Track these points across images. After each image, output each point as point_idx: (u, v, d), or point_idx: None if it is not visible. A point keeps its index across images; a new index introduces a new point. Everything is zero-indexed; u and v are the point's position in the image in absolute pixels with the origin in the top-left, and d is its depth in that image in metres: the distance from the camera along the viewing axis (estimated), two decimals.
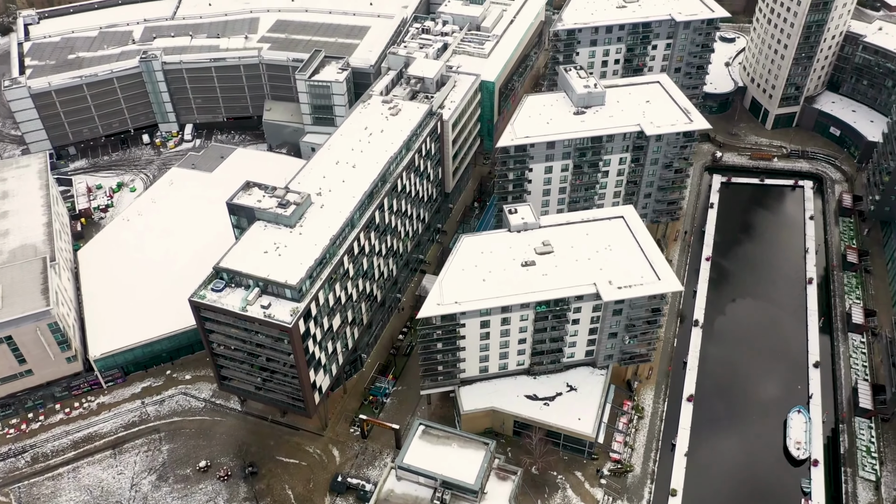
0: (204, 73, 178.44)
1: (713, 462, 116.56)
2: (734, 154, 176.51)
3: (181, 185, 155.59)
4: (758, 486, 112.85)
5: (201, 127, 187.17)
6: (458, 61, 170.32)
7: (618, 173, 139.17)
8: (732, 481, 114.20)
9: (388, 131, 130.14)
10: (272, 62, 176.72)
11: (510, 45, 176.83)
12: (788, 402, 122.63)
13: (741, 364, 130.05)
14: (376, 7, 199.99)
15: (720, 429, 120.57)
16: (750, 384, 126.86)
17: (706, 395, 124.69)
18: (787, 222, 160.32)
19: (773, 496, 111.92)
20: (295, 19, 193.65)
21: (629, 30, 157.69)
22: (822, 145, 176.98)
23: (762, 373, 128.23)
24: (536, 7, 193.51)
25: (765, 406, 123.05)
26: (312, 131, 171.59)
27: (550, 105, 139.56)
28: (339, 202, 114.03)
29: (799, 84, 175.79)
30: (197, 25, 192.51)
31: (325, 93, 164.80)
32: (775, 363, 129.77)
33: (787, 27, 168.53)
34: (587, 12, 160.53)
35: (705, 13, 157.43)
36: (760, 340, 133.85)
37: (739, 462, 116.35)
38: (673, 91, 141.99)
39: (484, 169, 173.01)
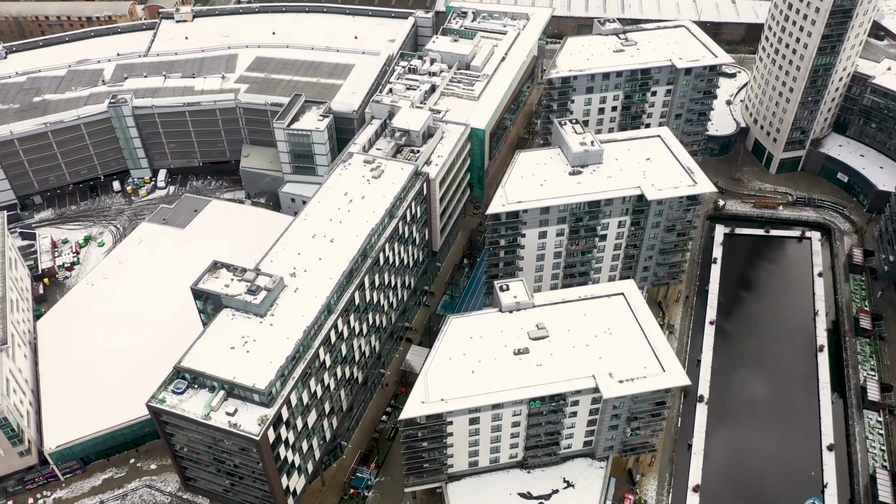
0: (178, 118, 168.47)
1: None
2: (737, 201, 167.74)
3: (151, 244, 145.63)
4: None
5: (176, 172, 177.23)
6: (446, 104, 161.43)
7: (616, 236, 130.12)
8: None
9: (369, 197, 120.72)
10: (250, 106, 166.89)
11: (502, 85, 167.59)
12: (802, 493, 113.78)
13: (750, 447, 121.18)
14: (361, 42, 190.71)
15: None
16: (760, 471, 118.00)
17: (713, 485, 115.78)
18: (794, 279, 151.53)
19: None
20: (275, 56, 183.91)
21: (627, 77, 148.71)
22: (829, 192, 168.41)
23: (773, 457, 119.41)
24: (529, 42, 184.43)
25: (777, 498, 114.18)
26: (292, 180, 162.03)
27: (544, 163, 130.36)
28: (314, 285, 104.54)
29: (805, 128, 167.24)
30: (171, 63, 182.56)
31: (305, 141, 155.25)
32: (787, 446, 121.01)
33: (793, 70, 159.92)
34: (582, 57, 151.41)
35: (707, 58, 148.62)
36: (770, 419, 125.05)
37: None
38: (675, 147, 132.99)
39: (474, 220, 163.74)
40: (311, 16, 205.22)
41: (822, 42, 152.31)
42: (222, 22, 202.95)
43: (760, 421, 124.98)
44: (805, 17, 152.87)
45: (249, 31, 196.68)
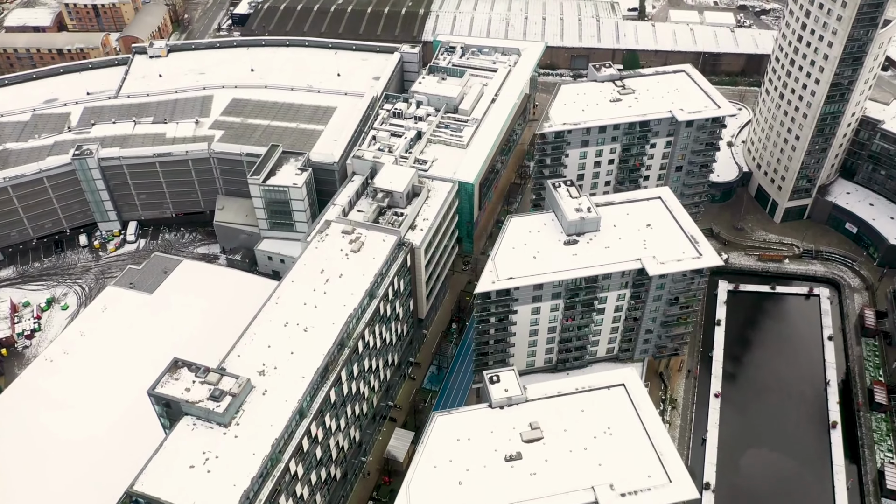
0: (147, 168, 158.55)
1: None
2: (741, 254, 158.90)
3: (116, 312, 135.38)
4: None
5: (147, 224, 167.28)
6: (433, 153, 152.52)
7: (615, 309, 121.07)
8: None
9: (348, 276, 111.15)
10: (224, 156, 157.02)
11: (492, 131, 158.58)
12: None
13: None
14: (344, 80, 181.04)
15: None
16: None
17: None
18: (803, 344, 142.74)
19: None
20: (252, 98, 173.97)
21: (625, 129, 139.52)
22: (837, 243, 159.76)
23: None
24: (521, 80, 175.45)
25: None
26: (269, 236, 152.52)
27: (537, 230, 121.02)
28: (285, 386, 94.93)
29: (812, 176, 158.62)
30: (142, 106, 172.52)
31: (282, 198, 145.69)
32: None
33: (799, 117, 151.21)
34: (577, 107, 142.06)
35: (710, 110, 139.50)
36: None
37: None
38: (677, 211, 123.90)
39: (462, 278, 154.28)
40: (291, 50, 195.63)
41: (831, 90, 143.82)
42: (198, 57, 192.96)
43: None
44: (812, 62, 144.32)
45: (226, 68, 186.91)
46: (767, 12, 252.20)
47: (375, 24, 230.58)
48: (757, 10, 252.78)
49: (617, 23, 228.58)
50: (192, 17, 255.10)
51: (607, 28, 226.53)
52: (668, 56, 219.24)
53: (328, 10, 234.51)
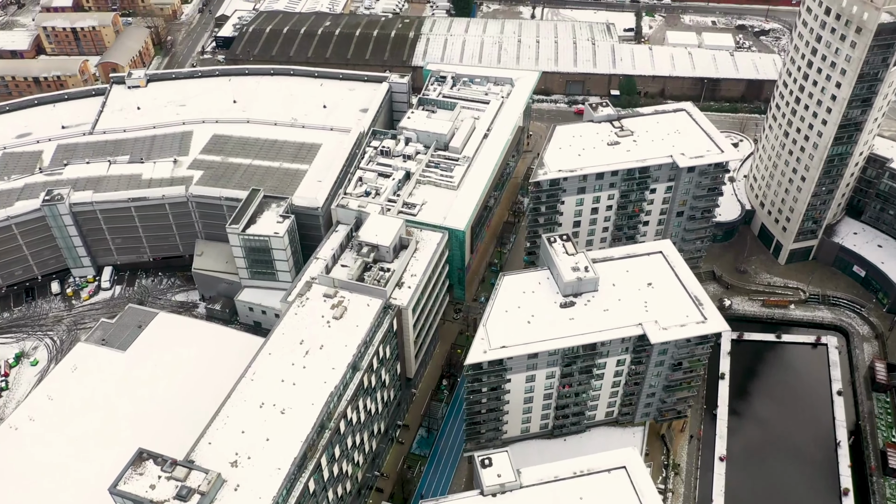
0: (122, 213, 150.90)
1: None
2: (744, 299, 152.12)
3: (87, 372, 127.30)
4: None
5: (123, 268, 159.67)
6: (422, 195, 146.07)
7: (615, 374, 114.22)
8: None
9: (329, 347, 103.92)
10: (203, 200, 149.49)
11: (484, 171, 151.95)
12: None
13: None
14: (330, 112, 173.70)
15: None
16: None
17: None
18: (811, 399, 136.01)
19: None
20: (234, 133, 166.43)
21: (623, 176, 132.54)
22: (844, 287, 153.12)
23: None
24: (514, 113, 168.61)
25: None
26: (250, 285, 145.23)
27: (531, 291, 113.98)
28: (259, 479, 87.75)
29: (818, 217, 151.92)
30: (119, 143, 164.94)
31: (263, 247, 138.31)
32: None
33: (805, 157, 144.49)
34: (573, 152, 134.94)
35: (713, 154, 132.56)
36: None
37: None
38: (679, 267, 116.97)
39: (454, 328, 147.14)
40: (276, 80, 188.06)
41: (840, 131, 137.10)
42: (179, 87, 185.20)
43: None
44: (819, 102, 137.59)
45: (208, 99, 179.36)
46: (767, 32, 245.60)
47: (364, 49, 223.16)
48: (756, 31, 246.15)
49: (613, 46, 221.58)
50: (176, 39, 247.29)
51: (603, 52, 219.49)
52: (665, 81, 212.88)
53: (315, 34, 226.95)
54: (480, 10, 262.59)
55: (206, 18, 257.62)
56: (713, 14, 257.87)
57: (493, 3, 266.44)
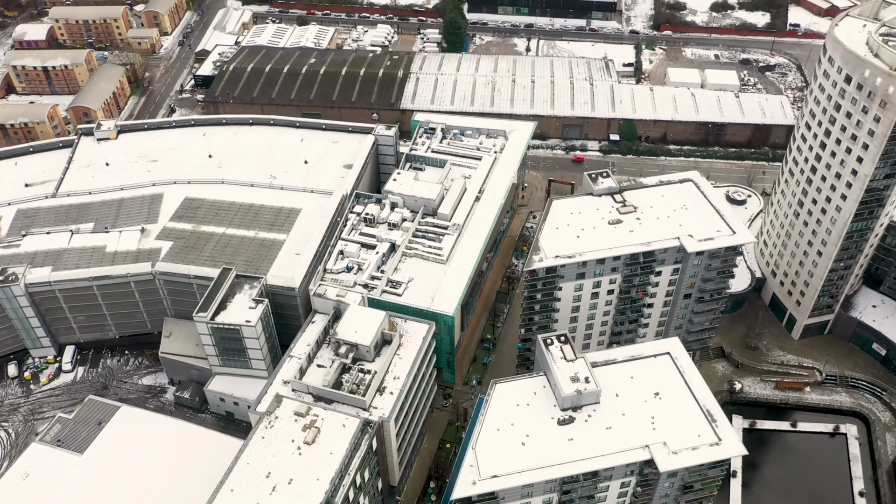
0: (84, 292, 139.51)
1: None
2: (755, 380, 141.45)
3: (39, 480, 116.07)
4: None
5: (87, 346, 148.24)
6: (408, 270, 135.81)
7: (619, 495, 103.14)
8: None
9: (299, 481, 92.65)
10: (171, 277, 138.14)
11: (476, 241, 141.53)
12: None
13: None
14: (312, 170, 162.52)
15: None
16: None
17: None
18: (831, 497, 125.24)
19: None
20: (207, 196, 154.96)
21: (626, 260, 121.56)
22: (863, 366, 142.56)
23: None
24: (508, 171, 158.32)
25: None
26: (221, 372, 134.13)
27: (526, 403, 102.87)
28: None
29: (834, 292, 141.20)
30: (83, 208, 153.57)
31: (234, 336, 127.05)
32: None
33: (822, 231, 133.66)
34: (571, 232, 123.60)
35: (723, 236, 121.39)
36: None
37: None
38: (689, 373, 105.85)
39: (442, 417, 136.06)
40: (255, 130, 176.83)
41: (860, 207, 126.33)
42: (151, 140, 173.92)
43: None
44: (838, 175, 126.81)
45: (181, 154, 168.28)
46: (772, 68, 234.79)
47: (350, 90, 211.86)
48: (761, 66, 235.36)
49: (612, 86, 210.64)
50: (154, 75, 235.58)
51: (602, 93, 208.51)
52: (667, 126, 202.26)
53: (299, 73, 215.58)
54: (473, 43, 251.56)
55: (186, 53, 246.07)
56: (716, 46, 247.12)
57: (487, 36, 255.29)
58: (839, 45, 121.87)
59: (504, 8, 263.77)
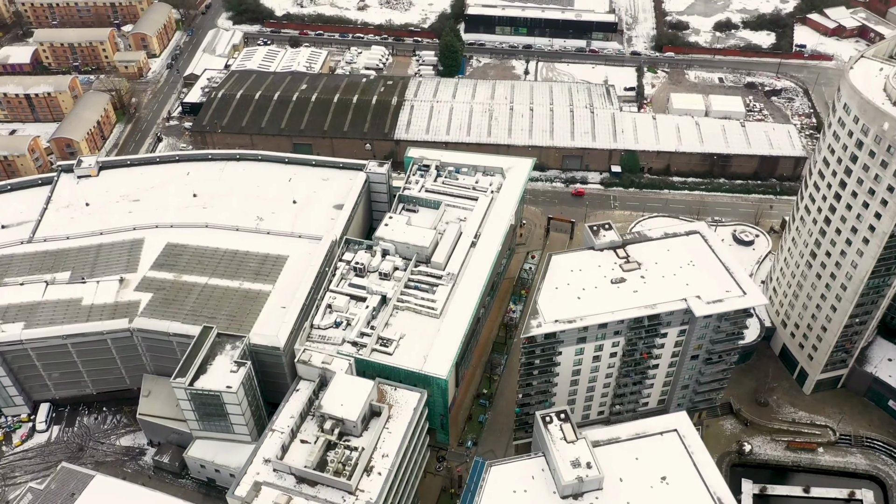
0: (58, 349, 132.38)
1: None
2: (765, 439, 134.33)
3: None
4: None
5: (63, 403, 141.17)
6: (399, 326, 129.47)
7: None
8: None
9: None
10: (149, 334, 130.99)
11: (471, 293, 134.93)
12: None
13: None
14: (300, 211, 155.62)
15: None
16: None
17: None
18: None
19: None
20: (190, 242, 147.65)
21: (630, 324, 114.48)
22: (879, 425, 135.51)
23: None
24: (506, 215, 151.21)
25: None
26: (202, 436, 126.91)
27: (524, 490, 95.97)
28: None
29: (849, 348, 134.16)
30: (60, 255, 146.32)
31: (214, 402, 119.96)
32: None
33: (836, 286, 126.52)
34: (572, 293, 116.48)
35: (734, 299, 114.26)
36: None
37: None
38: (698, 454, 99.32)
39: (435, 483, 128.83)
40: (242, 166, 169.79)
41: (878, 264, 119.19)
42: (133, 177, 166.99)
43: None
44: (854, 230, 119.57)
45: (165, 193, 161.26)
46: (779, 92, 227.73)
47: (342, 118, 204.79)
48: (767, 90, 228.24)
49: (613, 115, 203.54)
50: (140, 101, 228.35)
51: (602, 122, 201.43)
52: (671, 157, 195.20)
53: (290, 100, 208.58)
54: (470, 65, 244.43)
55: (175, 77, 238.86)
56: (720, 69, 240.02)
57: (484, 57, 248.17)
58: (855, 94, 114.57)
59: (502, 28, 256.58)
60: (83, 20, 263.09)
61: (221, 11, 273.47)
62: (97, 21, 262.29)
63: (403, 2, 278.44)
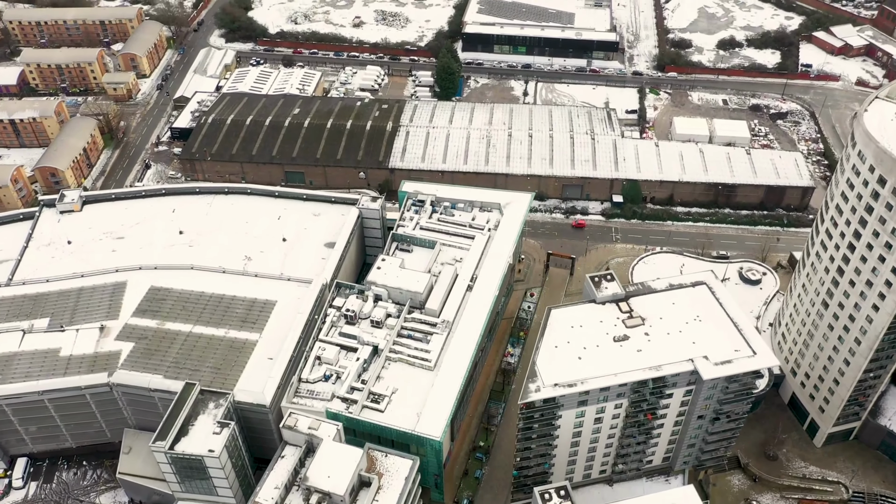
0: (35, 405, 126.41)
1: None
2: (775, 496, 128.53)
3: None
4: None
5: (41, 458, 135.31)
6: (392, 379, 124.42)
7: None
8: None
9: None
10: (129, 390, 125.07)
11: (468, 342, 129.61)
12: None
13: None
14: (290, 251, 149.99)
15: None
16: None
17: None
18: None
19: None
20: (175, 286, 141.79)
21: (634, 387, 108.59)
22: (893, 480, 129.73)
23: None
24: (503, 256, 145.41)
25: None
26: (185, 498, 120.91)
27: None
28: None
29: (862, 401, 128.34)
30: (39, 299, 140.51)
31: (197, 465, 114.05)
32: None
33: (850, 340, 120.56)
34: (572, 353, 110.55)
35: (743, 360, 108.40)
36: None
37: None
38: None
39: None
40: (230, 200, 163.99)
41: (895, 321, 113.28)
42: (118, 213, 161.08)
43: None
44: (869, 283, 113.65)
45: (150, 230, 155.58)
46: (784, 115, 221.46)
47: (336, 145, 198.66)
48: (773, 113, 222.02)
49: (615, 141, 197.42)
50: (129, 125, 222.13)
51: (604, 149, 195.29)
52: (674, 186, 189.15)
53: (281, 126, 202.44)
54: (468, 86, 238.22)
55: (164, 99, 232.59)
56: (724, 90, 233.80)
57: (482, 78, 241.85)
58: (871, 142, 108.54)
59: (500, 47, 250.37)
60: (72, 38, 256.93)
61: (214, 29, 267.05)
62: (86, 39, 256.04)
63: (400, 18, 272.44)
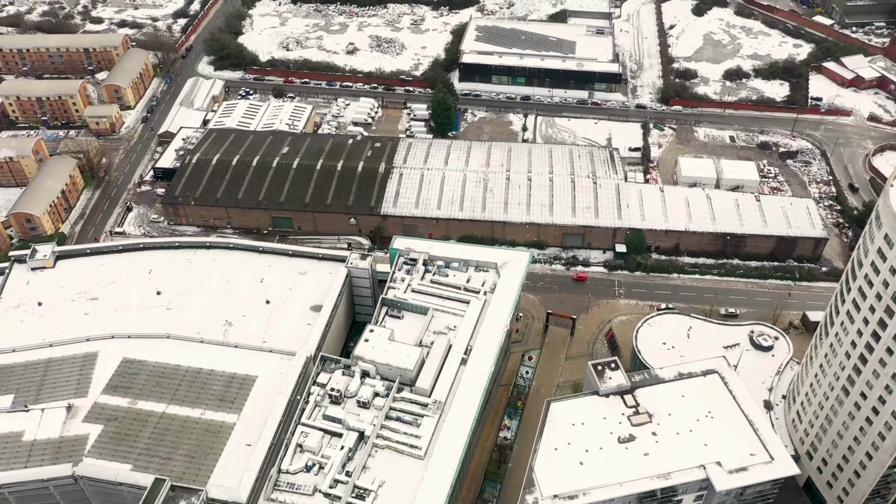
0: None
1: None
2: None
3: None
4: None
5: None
6: (378, 469, 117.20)
7: None
8: None
9: None
10: (96, 483, 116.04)
11: (461, 425, 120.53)
12: None
13: None
14: (273, 315, 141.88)
15: None
16: None
17: None
18: None
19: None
20: (149, 358, 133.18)
21: (642, 496, 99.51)
22: None
23: None
24: (500, 323, 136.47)
25: None
26: None
27: None
28: None
29: (885, 493, 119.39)
30: (4, 371, 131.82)
31: None
32: None
33: (873, 433, 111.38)
34: (573, 455, 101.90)
35: (760, 467, 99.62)
36: None
37: None
38: None
39: None
40: (211, 255, 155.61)
41: None
42: (93, 270, 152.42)
43: None
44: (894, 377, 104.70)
45: (125, 290, 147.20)
46: (794, 154, 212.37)
47: (325, 188, 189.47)
48: (782, 152, 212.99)
49: (618, 186, 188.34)
50: (111, 162, 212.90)
51: (606, 194, 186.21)
52: (680, 236, 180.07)
53: (269, 166, 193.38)
54: (465, 119, 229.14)
55: (149, 134, 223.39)
56: (731, 125, 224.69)
57: (480, 111, 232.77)
58: None
59: (499, 77, 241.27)
60: (55, 66, 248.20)
61: (202, 56, 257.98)
62: (70, 67, 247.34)
63: (395, 45, 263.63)
